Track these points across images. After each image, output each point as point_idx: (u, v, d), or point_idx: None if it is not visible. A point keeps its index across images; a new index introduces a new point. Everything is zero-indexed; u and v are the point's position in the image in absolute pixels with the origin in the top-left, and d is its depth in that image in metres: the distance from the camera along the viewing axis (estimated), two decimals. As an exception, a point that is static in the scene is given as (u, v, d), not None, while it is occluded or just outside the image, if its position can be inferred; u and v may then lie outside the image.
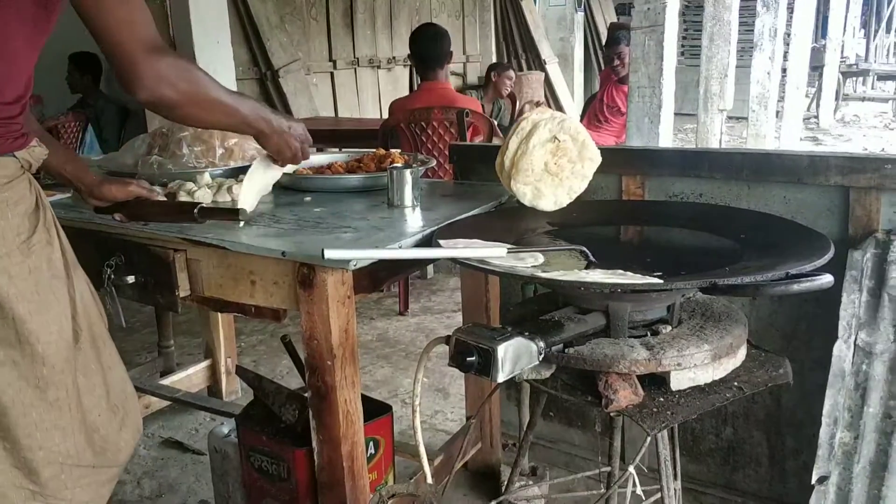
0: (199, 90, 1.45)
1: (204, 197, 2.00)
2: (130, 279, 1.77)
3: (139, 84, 1.36)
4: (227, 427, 2.10)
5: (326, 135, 5.46)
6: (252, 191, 1.76)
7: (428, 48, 4.15)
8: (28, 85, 1.43)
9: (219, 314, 2.97)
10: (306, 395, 1.68)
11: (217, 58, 4.98)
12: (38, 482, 1.47)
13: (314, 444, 1.68)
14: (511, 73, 6.04)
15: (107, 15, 1.34)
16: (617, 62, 5.31)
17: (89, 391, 1.55)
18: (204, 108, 1.48)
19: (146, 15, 1.39)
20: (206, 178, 2.10)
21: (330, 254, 1.43)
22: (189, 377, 3.04)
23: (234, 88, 5.58)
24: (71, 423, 1.51)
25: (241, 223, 1.72)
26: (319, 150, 5.13)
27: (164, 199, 1.83)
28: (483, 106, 5.54)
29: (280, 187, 2.12)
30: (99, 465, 1.58)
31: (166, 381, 2.97)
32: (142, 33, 1.37)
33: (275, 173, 1.80)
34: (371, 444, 1.95)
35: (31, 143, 1.46)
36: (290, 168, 1.79)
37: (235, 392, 3.15)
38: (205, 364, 3.09)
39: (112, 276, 1.76)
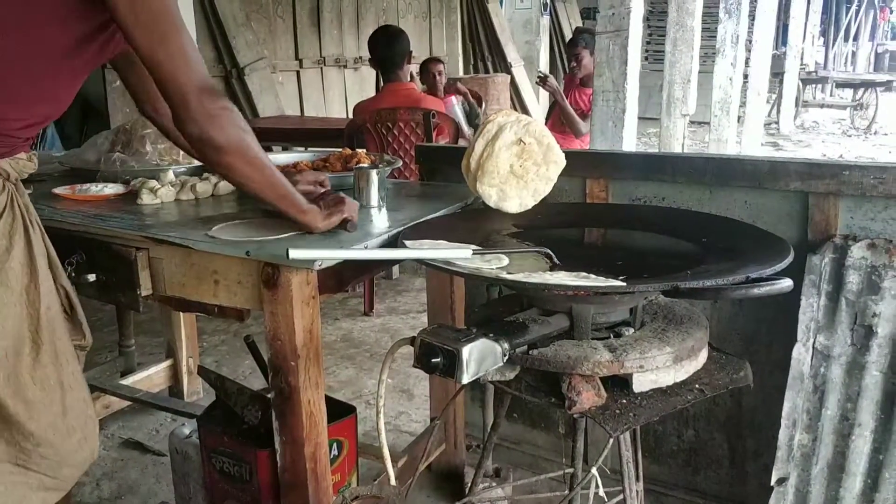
0: (248, 143, 1.46)
1: (167, 195, 1.98)
2: (91, 277, 1.74)
3: (190, 118, 1.40)
4: (188, 428, 2.08)
5: (292, 134, 5.43)
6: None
7: (385, 50, 4.13)
8: (44, 115, 1.49)
9: (181, 313, 2.94)
10: (269, 395, 1.67)
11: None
12: None
13: (277, 445, 1.67)
14: (440, 66, 5.97)
15: (160, 48, 1.39)
16: (574, 64, 5.34)
17: (46, 407, 1.51)
18: (251, 164, 1.48)
19: (198, 54, 1.45)
20: (170, 175, 2.08)
21: (295, 254, 1.42)
22: (150, 377, 3.00)
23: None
24: (13, 437, 1.48)
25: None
26: (285, 149, 5.10)
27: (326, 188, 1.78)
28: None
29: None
30: (29, 468, 1.53)
31: (127, 381, 2.93)
32: (196, 69, 1.41)
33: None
34: (334, 445, 1.94)
35: (20, 155, 1.48)
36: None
37: (197, 392, 3.12)
38: (166, 364, 3.06)
39: (73, 274, 1.73)
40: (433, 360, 1.34)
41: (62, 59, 1.45)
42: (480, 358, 1.33)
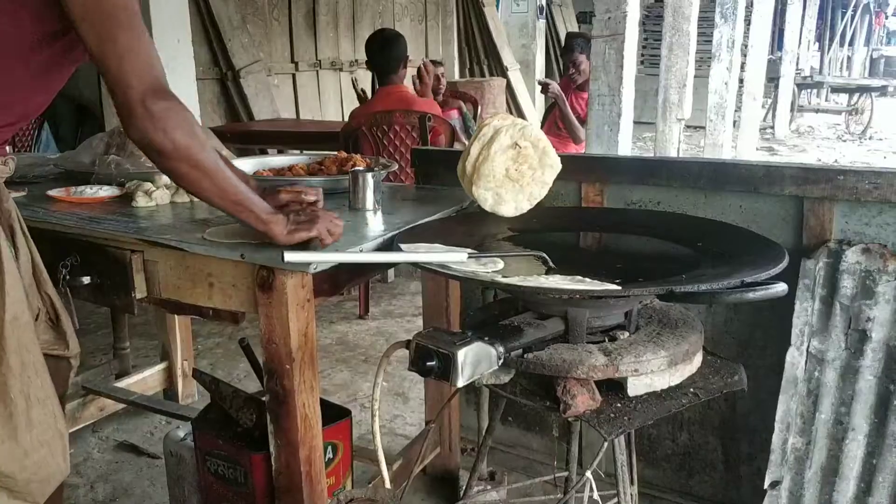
0: (194, 147, 1.38)
1: (162, 198, 1.98)
2: (86, 280, 1.74)
3: (131, 122, 1.34)
4: (183, 431, 2.08)
5: (287, 136, 5.43)
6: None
7: (381, 53, 4.13)
8: (22, 115, 1.47)
9: (175, 316, 2.94)
10: (264, 398, 1.67)
11: (177, 57, 4.92)
12: None
13: (272, 448, 1.67)
14: (440, 69, 5.96)
15: (109, 42, 1.33)
16: (572, 70, 5.34)
17: (4, 421, 1.44)
18: (197, 168, 1.40)
19: (152, 51, 1.37)
20: (165, 178, 2.08)
21: (290, 256, 1.42)
22: (145, 380, 3.00)
23: (195, 88, 5.55)
24: None
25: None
26: (280, 152, 5.10)
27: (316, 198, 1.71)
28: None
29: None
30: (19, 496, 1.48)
31: (121, 384, 2.92)
32: (144, 69, 1.34)
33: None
34: (329, 448, 1.94)
35: (3, 156, 1.46)
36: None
37: (192, 395, 3.11)
38: (161, 367, 3.05)
39: (67, 277, 1.73)
40: (428, 364, 1.34)
41: (29, 54, 1.41)
42: (475, 361, 1.33)
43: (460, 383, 1.32)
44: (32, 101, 1.48)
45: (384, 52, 4.10)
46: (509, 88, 9.65)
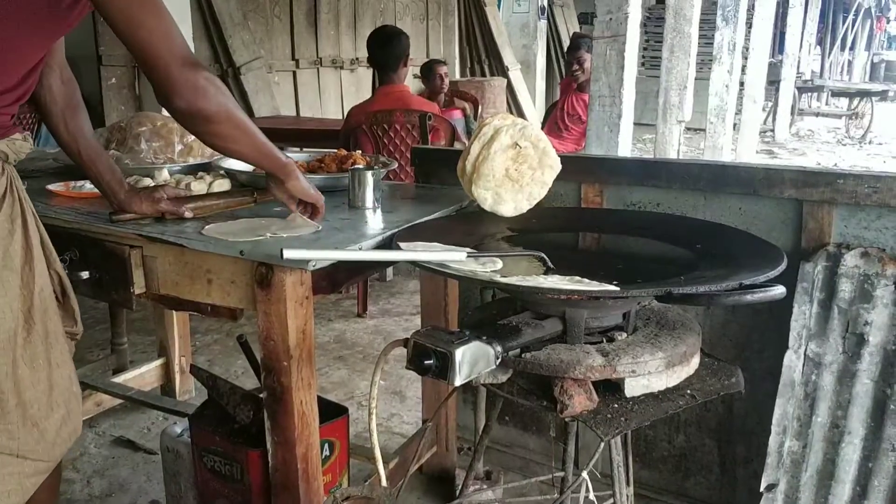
0: (234, 108, 1.50)
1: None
2: (85, 275, 1.74)
3: (177, 93, 1.41)
4: (179, 427, 2.08)
5: (287, 134, 5.42)
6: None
7: (382, 51, 4.11)
8: (21, 83, 1.46)
9: (174, 312, 2.94)
10: (261, 395, 1.67)
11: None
12: None
13: (269, 445, 1.67)
14: (444, 68, 5.97)
15: (140, 27, 1.39)
16: (576, 67, 5.34)
17: (33, 385, 1.53)
18: (238, 127, 1.52)
19: (178, 29, 1.44)
20: (165, 174, 2.08)
21: (289, 254, 1.42)
22: (142, 375, 2.99)
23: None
24: (3, 409, 1.49)
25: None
26: (280, 150, 5.08)
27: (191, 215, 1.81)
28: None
29: (239, 185, 2.10)
30: (26, 457, 1.55)
31: (119, 379, 2.92)
32: (177, 45, 1.42)
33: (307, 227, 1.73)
34: (326, 446, 1.94)
35: (14, 136, 1.48)
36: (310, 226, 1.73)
37: (189, 391, 3.11)
38: (158, 362, 3.05)
39: (66, 271, 1.73)
40: (426, 362, 1.34)
41: (34, 20, 1.43)
42: (473, 360, 1.34)
43: (458, 382, 1.32)
44: (35, 71, 1.48)
45: (386, 49, 4.08)
46: (510, 88, 9.65)
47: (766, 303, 1.37)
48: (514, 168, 1.84)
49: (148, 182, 1.98)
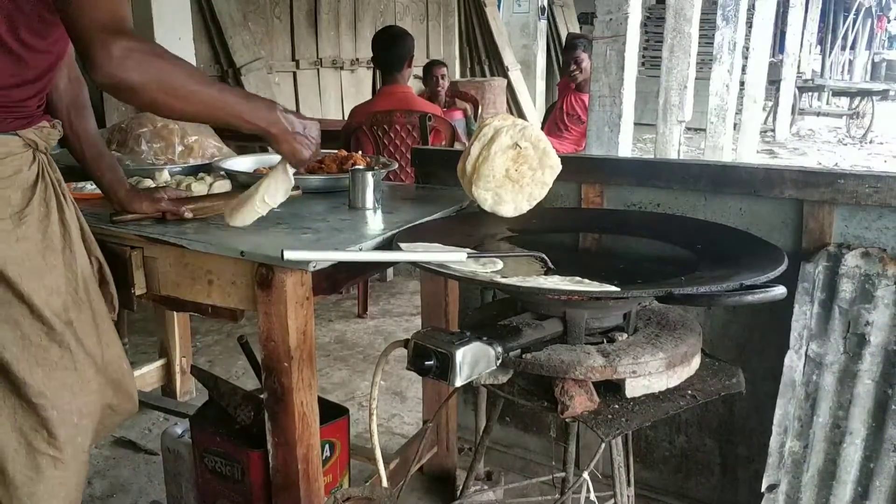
0: (167, 76, 1.37)
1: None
2: (85, 276, 1.74)
3: (95, 65, 1.31)
4: (180, 427, 2.08)
5: (288, 135, 5.41)
6: (265, 198, 1.65)
7: (387, 51, 4.10)
8: (42, 73, 1.49)
9: (174, 313, 2.94)
10: (262, 396, 1.67)
11: (178, 54, 4.92)
12: (56, 445, 1.52)
13: (269, 446, 1.67)
14: (443, 69, 5.97)
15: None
16: (574, 67, 5.34)
17: (90, 357, 1.58)
18: (176, 97, 1.38)
19: None
20: (165, 175, 2.08)
21: (289, 255, 1.42)
22: (143, 376, 2.99)
23: (195, 86, 5.52)
24: (79, 383, 1.55)
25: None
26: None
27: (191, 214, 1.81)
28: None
29: (239, 186, 2.10)
30: (106, 429, 1.66)
31: (119, 380, 2.92)
32: (102, 12, 1.32)
33: (287, 183, 1.66)
34: (327, 446, 1.94)
35: (41, 124, 1.52)
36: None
37: (190, 392, 3.11)
38: (159, 363, 3.05)
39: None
40: (426, 363, 1.34)
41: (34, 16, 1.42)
42: (474, 361, 1.34)
43: (458, 383, 1.32)
44: (38, 59, 1.48)
45: (391, 49, 4.08)
46: (510, 88, 9.65)
47: (767, 303, 1.37)
48: (515, 169, 1.84)
49: (149, 183, 1.98)
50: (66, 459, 1.53)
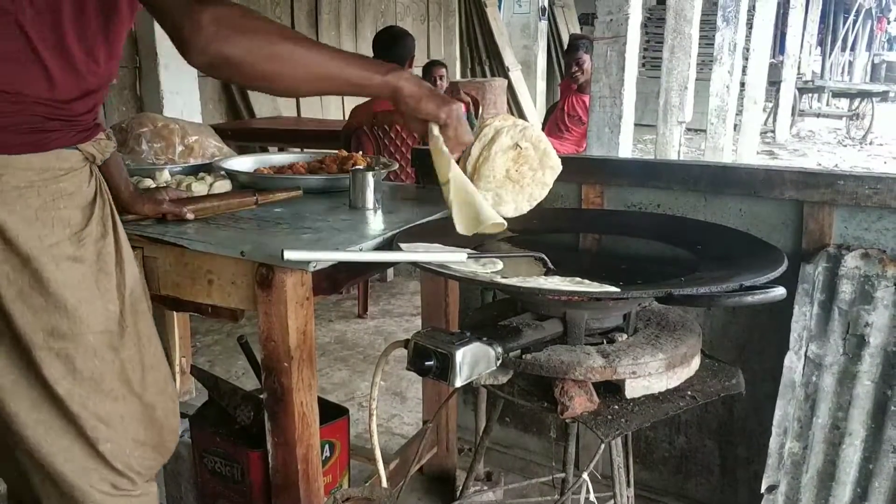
0: (268, 39, 1.27)
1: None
2: (85, 276, 1.74)
3: (186, 43, 1.24)
4: (180, 427, 2.08)
5: (288, 135, 5.42)
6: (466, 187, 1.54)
7: (387, 51, 4.11)
8: (103, 84, 1.42)
9: (174, 313, 2.93)
10: (262, 396, 1.67)
11: (177, 55, 4.92)
12: (117, 475, 1.46)
13: (269, 446, 1.67)
14: (441, 70, 5.98)
15: None
16: (575, 69, 5.35)
17: (142, 386, 1.51)
18: (283, 62, 1.28)
19: None
20: (166, 175, 2.08)
21: (289, 254, 1.42)
22: (143, 376, 2.99)
23: (196, 85, 5.53)
24: (128, 413, 1.47)
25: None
26: (281, 150, 5.10)
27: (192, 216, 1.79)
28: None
29: (240, 186, 2.11)
30: (161, 456, 1.57)
31: (119, 380, 2.91)
32: None
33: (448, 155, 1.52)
34: (326, 446, 1.94)
35: (99, 136, 1.44)
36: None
37: (189, 392, 3.11)
38: (159, 363, 3.05)
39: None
40: (426, 363, 1.34)
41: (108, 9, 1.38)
42: (474, 361, 1.34)
43: (458, 383, 1.32)
44: (92, 71, 1.41)
45: (392, 49, 4.08)
46: (510, 89, 9.65)
47: (767, 304, 1.37)
48: (515, 169, 1.84)
49: (149, 183, 1.98)
50: (125, 490, 1.49)
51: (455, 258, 1.51)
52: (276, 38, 1.29)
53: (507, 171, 1.84)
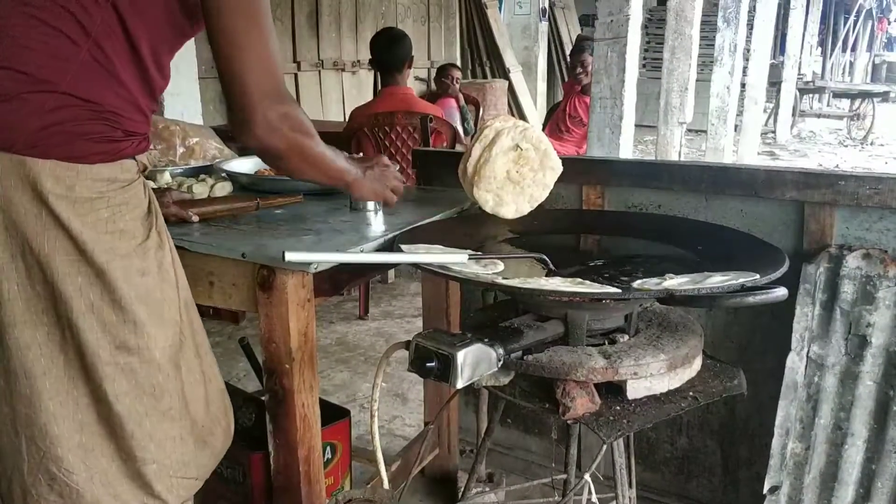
0: (306, 143, 1.49)
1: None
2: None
3: (250, 132, 1.40)
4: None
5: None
6: None
7: (386, 52, 4.11)
8: (158, 96, 1.45)
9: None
10: (263, 398, 1.67)
11: (180, 55, 4.88)
12: (154, 497, 1.42)
13: (270, 447, 1.67)
14: (458, 73, 6.00)
15: (239, 47, 1.36)
16: (580, 70, 5.35)
17: (195, 400, 1.49)
18: (308, 162, 1.53)
19: (276, 57, 1.40)
20: (167, 176, 2.08)
21: (290, 256, 1.42)
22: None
23: (197, 87, 5.52)
24: (181, 433, 1.45)
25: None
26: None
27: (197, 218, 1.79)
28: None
29: (241, 188, 2.11)
30: (200, 478, 1.53)
31: (120, 382, 2.91)
32: (268, 79, 1.38)
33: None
34: (328, 448, 1.94)
35: (150, 147, 1.48)
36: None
37: (191, 394, 3.10)
38: (160, 365, 3.05)
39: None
40: (428, 365, 1.34)
41: (173, 40, 1.43)
42: (475, 363, 1.33)
43: (459, 384, 1.32)
44: (157, 85, 1.45)
45: (390, 50, 4.09)
46: (511, 90, 9.64)
47: (768, 305, 1.37)
48: (516, 170, 1.84)
49: (150, 185, 1.98)
50: None
51: (456, 259, 1.51)
52: (312, 142, 1.52)
53: (508, 172, 1.84)
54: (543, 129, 5.36)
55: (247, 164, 2.26)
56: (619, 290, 1.36)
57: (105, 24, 1.29)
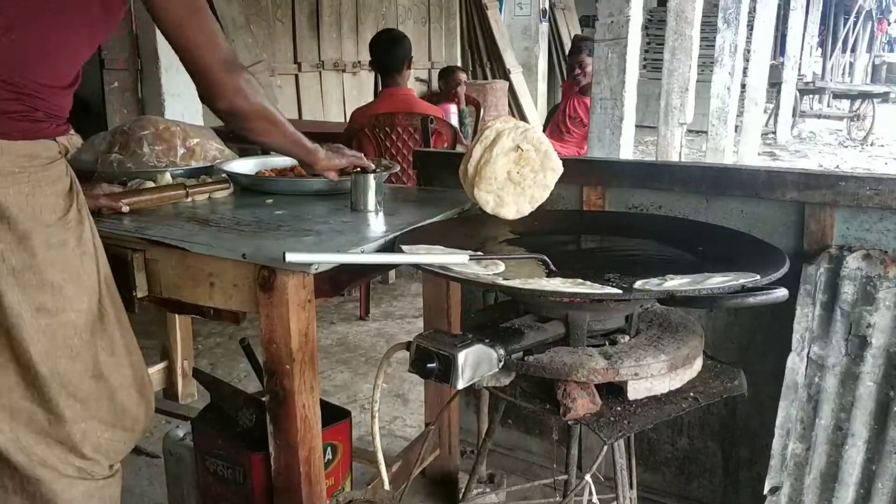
0: (267, 105, 1.71)
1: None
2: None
3: (219, 95, 1.62)
4: (182, 430, 2.08)
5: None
6: None
7: (385, 53, 4.11)
8: (78, 79, 1.54)
9: (176, 315, 2.93)
10: (264, 399, 1.67)
11: (180, 57, 4.94)
12: (83, 458, 1.54)
13: (271, 448, 1.67)
14: (464, 76, 6.02)
15: (191, 37, 1.57)
16: (578, 71, 5.35)
17: (117, 370, 1.59)
18: (270, 122, 1.74)
19: (221, 35, 1.64)
20: (167, 177, 2.08)
21: (291, 257, 1.43)
22: (144, 379, 2.99)
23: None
24: (104, 394, 1.56)
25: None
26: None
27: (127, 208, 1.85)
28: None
29: (241, 189, 2.11)
30: (128, 443, 1.66)
31: (121, 383, 2.91)
32: (221, 52, 1.61)
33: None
34: (329, 449, 1.94)
35: (70, 132, 1.56)
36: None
37: (192, 395, 3.10)
38: (161, 366, 3.05)
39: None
40: (429, 365, 1.34)
41: (91, 22, 1.50)
42: (476, 363, 1.34)
43: (460, 385, 1.32)
44: (80, 64, 1.54)
45: (389, 51, 4.09)
46: (511, 91, 9.64)
47: (769, 305, 1.37)
48: (516, 171, 1.84)
49: (150, 186, 1.98)
50: (93, 473, 1.56)
51: (457, 260, 1.51)
52: (271, 108, 1.75)
53: (509, 172, 1.84)
54: (544, 130, 5.36)
55: (247, 165, 2.27)
56: (620, 291, 1.36)
57: (25, 11, 1.39)
